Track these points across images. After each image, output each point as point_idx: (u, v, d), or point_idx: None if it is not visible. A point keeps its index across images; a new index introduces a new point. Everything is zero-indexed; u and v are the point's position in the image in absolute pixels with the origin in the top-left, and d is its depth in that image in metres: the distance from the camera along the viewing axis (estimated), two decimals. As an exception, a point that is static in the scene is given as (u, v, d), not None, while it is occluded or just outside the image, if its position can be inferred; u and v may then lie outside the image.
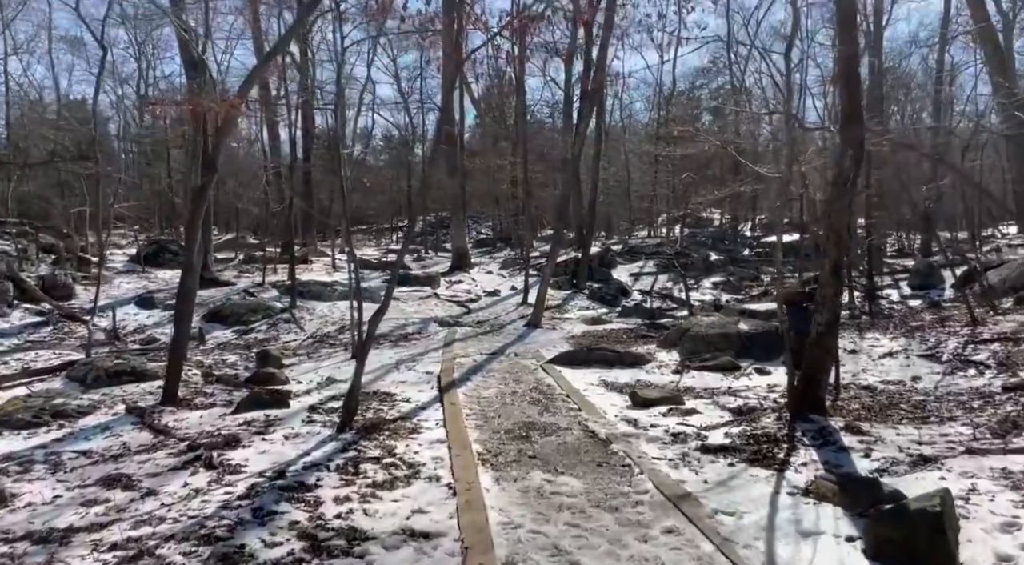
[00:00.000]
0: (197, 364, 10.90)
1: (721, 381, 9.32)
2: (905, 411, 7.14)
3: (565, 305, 19.21)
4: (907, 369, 9.56)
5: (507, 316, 16.97)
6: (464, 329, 14.79)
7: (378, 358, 11.39)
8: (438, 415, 7.43)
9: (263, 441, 6.29)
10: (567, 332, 14.36)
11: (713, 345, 10.32)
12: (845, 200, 6.65)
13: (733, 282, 21.82)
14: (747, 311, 11.04)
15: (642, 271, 23.97)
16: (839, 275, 6.71)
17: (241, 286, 18.10)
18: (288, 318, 15.43)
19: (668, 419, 7.19)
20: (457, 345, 12.62)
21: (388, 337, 13.96)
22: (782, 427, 6.47)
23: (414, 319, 15.84)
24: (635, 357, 10.31)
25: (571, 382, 9.15)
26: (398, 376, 9.88)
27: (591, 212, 22.58)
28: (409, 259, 28.26)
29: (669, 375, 9.76)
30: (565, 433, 6.76)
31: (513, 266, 25.19)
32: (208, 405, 8.04)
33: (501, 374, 9.87)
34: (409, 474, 5.41)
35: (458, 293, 20.17)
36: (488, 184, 32.51)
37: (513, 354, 11.60)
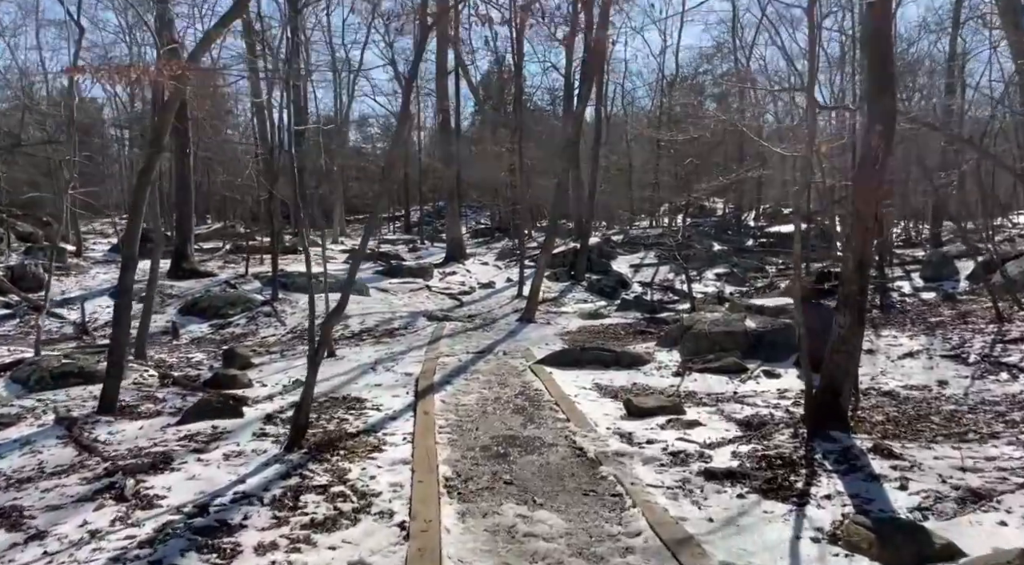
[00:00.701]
0: (158, 364, 10.02)
1: (726, 385, 8.40)
2: (938, 425, 6.22)
3: (562, 298, 18.29)
4: (931, 372, 8.63)
5: (500, 310, 16.06)
6: (453, 324, 13.88)
7: (356, 357, 10.51)
8: (408, 427, 6.54)
9: (197, 462, 5.40)
10: (562, 328, 13.44)
11: (717, 344, 9.39)
12: (873, 182, 5.70)
13: (737, 274, 20.85)
14: (754, 307, 10.10)
15: (643, 262, 23.02)
16: (865, 270, 5.77)
17: (223, 277, 17.23)
18: (269, 312, 14.55)
19: (667, 433, 6.28)
20: (444, 342, 11.71)
21: (372, 333, 13.07)
22: (798, 446, 5.55)
23: (402, 313, 14.94)
24: (632, 357, 9.40)
25: (561, 386, 8.24)
26: (373, 378, 8.98)
27: (590, 201, 21.61)
28: (404, 249, 27.37)
29: (669, 377, 8.84)
30: (549, 451, 5.86)
31: (510, 257, 24.25)
32: (153, 414, 7.16)
33: (486, 376, 8.97)
34: (358, 508, 4.51)
35: (451, 285, 19.26)
36: (486, 173, 31.48)
37: (502, 353, 10.69)
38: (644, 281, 20.90)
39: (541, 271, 14.13)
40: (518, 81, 24.59)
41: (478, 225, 37.10)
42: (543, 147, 32.32)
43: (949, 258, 18.40)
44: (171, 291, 15.93)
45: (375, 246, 27.07)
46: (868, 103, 5.90)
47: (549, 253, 14.34)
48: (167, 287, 16.22)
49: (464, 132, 40.40)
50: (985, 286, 12.72)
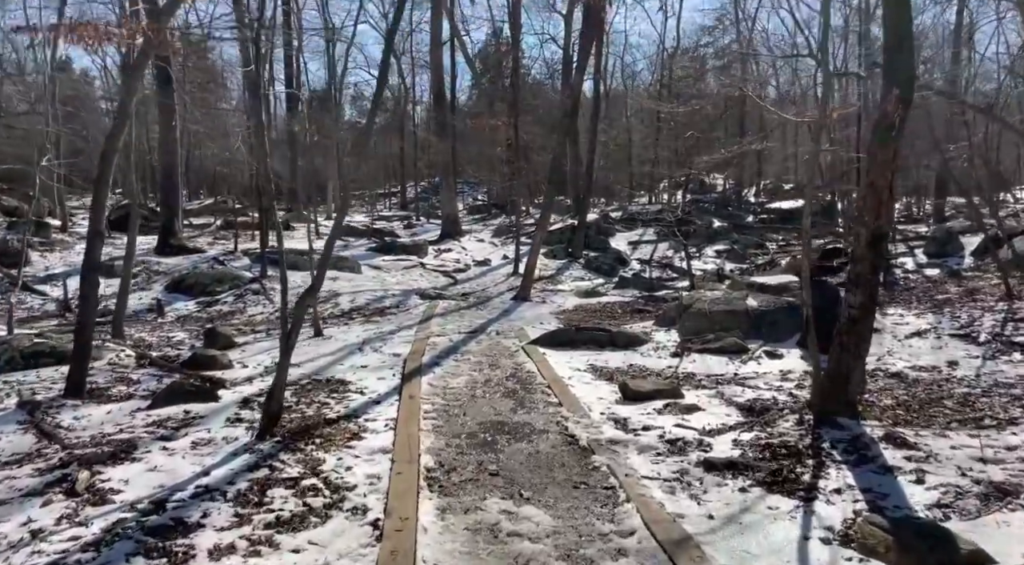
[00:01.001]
0: (136, 343, 9.65)
1: (726, 366, 8.03)
2: (951, 410, 5.86)
3: (559, 275, 17.89)
4: (940, 352, 8.27)
5: (495, 288, 15.66)
6: (447, 303, 13.50)
7: (344, 337, 10.14)
8: (392, 412, 6.17)
9: (162, 451, 5.03)
10: (558, 306, 13.06)
11: (718, 323, 9.01)
12: (889, 151, 5.26)
13: (737, 250, 20.44)
14: (756, 285, 9.72)
15: (641, 239, 22.59)
16: (879, 248, 5.36)
17: (212, 254, 16.79)
18: (257, 289, 14.15)
19: (664, 418, 5.92)
20: (435, 322, 11.33)
21: (362, 311, 12.69)
22: (804, 434, 5.19)
23: (394, 291, 14.54)
24: (629, 338, 9.02)
25: (554, 368, 7.87)
26: (360, 359, 8.61)
27: (588, 176, 21.10)
28: (399, 226, 26.91)
29: (667, 359, 8.48)
30: (539, 438, 5.50)
31: (506, 234, 23.80)
32: (125, 397, 6.79)
33: (477, 357, 8.60)
34: (330, 503, 4.15)
35: (446, 262, 18.84)
36: (483, 148, 30.88)
37: (495, 333, 10.32)
38: (643, 258, 20.49)
39: (536, 249, 13.70)
40: (515, 53, 23.95)
41: (475, 201, 36.55)
42: (541, 122, 31.68)
43: (954, 234, 17.97)
44: (158, 268, 15.52)
45: (369, 222, 26.62)
46: (884, 63, 5.44)
47: (545, 230, 13.91)
48: (153, 263, 15.81)
49: (461, 106, 39.65)
50: (994, 262, 12.32)
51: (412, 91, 35.88)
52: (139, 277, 15.01)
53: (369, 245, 20.36)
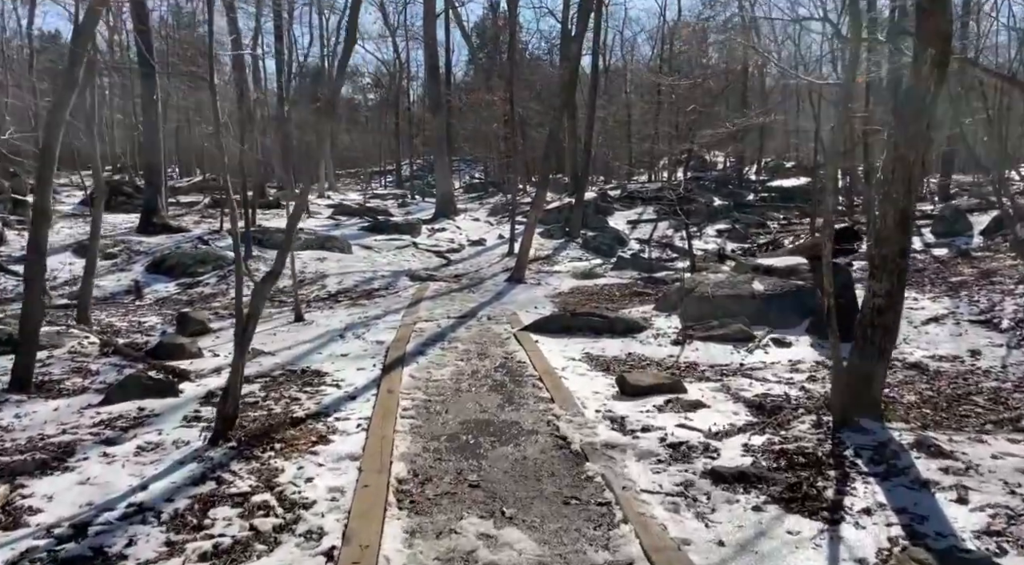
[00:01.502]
0: (103, 329, 9.05)
1: (731, 355, 7.44)
2: (984, 409, 5.28)
3: (555, 256, 17.26)
4: (960, 340, 7.68)
5: (489, 269, 15.04)
6: (438, 285, 12.88)
7: (327, 321, 9.54)
8: (367, 409, 5.58)
9: (102, 458, 4.45)
10: (553, 289, 12.45)
11: (721, 309, 8.40)
12: (922, 121, 4.61)
13: (739, 230, 19.79)
14: (762, 267, 9.09)
15: (641, 218, 21.91)
16: (907, 227, 4.73)
17: (197, 233, 16.12)
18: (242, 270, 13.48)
19: (665, 417, 5.34)
20: (424, 305, 10.73)
21: (349, 294, 12.07)
22: (823, 439, 4.60)
23: (384, 272, 13.92)
24: (627, 324, 8.42)
25: (547, 358, 7.28)
26: (340, 347, 8.02)
27: (587, 153, 20.35)
28: (393, 204, 26.20)
29: (668, 346, 7.88)
30: (527, 440, 4.92)
31: (502, 212, 23.11)
32: (78, 390, 6.21)
33: (465, 345, 8.00)
34: (282, 525, 3.57)
35: (439, 242, 18.19)
36: (480, 124, 30.03)
37: (486, 317, 9.71)
38: (642, 238, 19.84)
39: (531, 228, 13.05)
40: (512, 25, 23.03)
41: (472, 180, 35.79)
42: (539, 98, 30.81)
43: (961, 212, 17.33)
44: (139, 247, 14.87)
45: (362, 201, 25.91)
46: (917, 21, 4.76)
47: (540, 209, 13.25)
48: (135, 243, 15.15)
49: (458, 83, 38.68)
50: (1011, 243, 11.69)
51: (407, 66, 34.88)
52: (119, 257, 14.39)
53: (361, 224, 19.68)
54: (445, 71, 28.43)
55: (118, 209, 18.11)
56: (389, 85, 35.49)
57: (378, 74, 38.81)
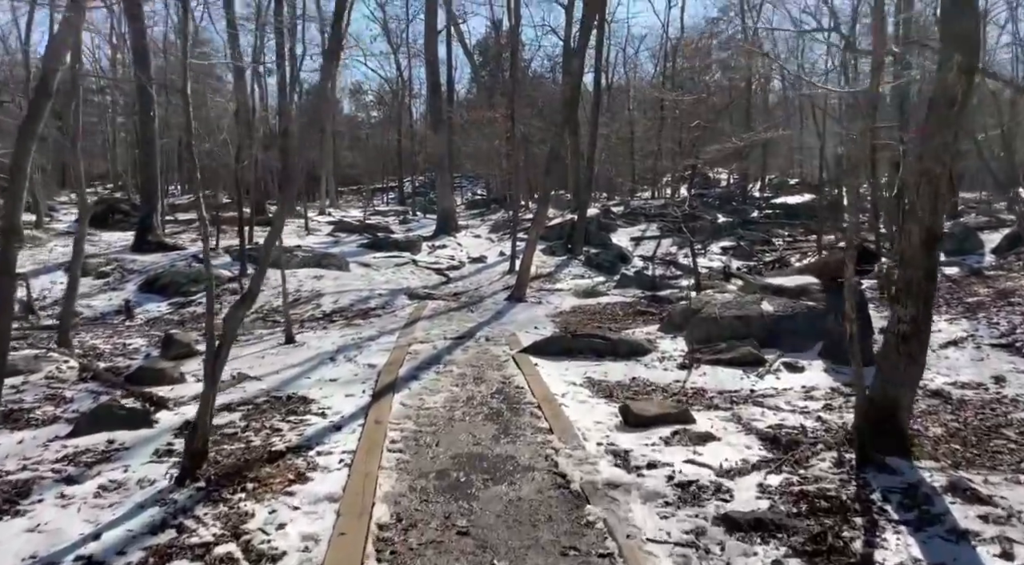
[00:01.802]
0: (86, 352, 8.69)
1: (741, 381, 7.04)
2: (1017, 444, 4.86)
3: (557, 273, 16.90)
4: (982, 365, 7.28)
5: (489, 287, 14.68)
6: (436, 303, 12.51)
7: (318, 343, 9.17)
8: (352, 442, 5.20)
9: (58, 500, 4.07)
10: (554, 308, 12.07)
11: (729, 330, 8.01)
12: (949, 132, 4.26)
13: (744, 247, 19.41)
14: (771, 287, 8.70)
15: (644, 235, 21.57)
16: (934, 247, 4.36)
17: (192, 251, 15.82)
18: (235, 289, 13.17)
19: (673, 451, 4.94)
20: (421, 325, 10.35)
21: (345, 313, 11.71)
22: (846, 479, 4.19)
23: (381, 291, 13.56)
24: (631, 346, 8.02)
25: (546, 383, 6.88)
26: (330, 371, 7.64)
27: (589, 169, 20.08)
28: (394, 221, 25.93)
29: (673, 371, 7.48)
30: (523, 478, 4.53)
31: (504, 229, 22.79)
32: (48, 420, 5.84)
33: (461, 369, 7.61)
34: (245, 582, 3.18)
35: (440, 259, 17.85)
36: (482, 142, 29.85)
37: (484, 338, 9.33)
38: (645, 255, 19.48)
39: (532, 246, 12.70)
40: (513, 41, 22.87)
41: (474, 196, 35.56)
42: (542, 115, 30.65)
43: (971, 230, 16.95)
44: (132, 266, 14.56)
45: (363, 218, 25.64)
46: (942, 27, 4.44)
47: (541, 226, 12.91)
48: (128, 261, 14.85)
49: (460, 101, 38.62)
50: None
51: (409, 84, 34.80)
52: (112, 276, 14.08)
53: (361, 241, 19.37)
54: (447, 88, 28.29)
55: (115, 227, 17.87)
56: (392, 102, 35.40)
57: (381, 92, 38.78)
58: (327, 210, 27.52)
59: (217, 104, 21.84)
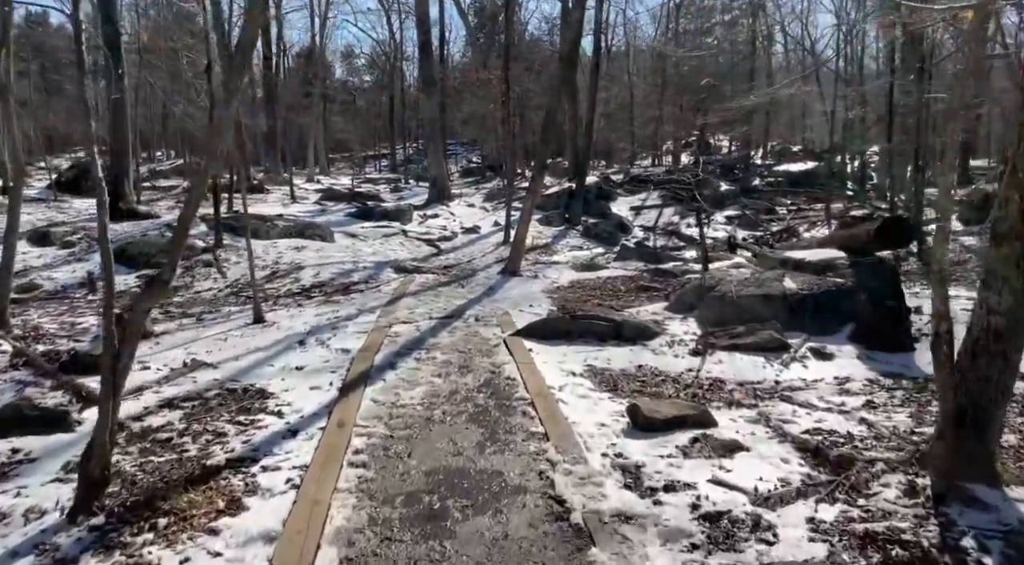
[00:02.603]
0: (26, 332, 7.71)
1: (763, 370, 6.11)
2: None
3: (554, 244, 15.90)
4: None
5: (482, 259, 13.68)
6: (424, 277, 11.52)
7: (290, 323, 8.19)
8: (307, 452, 4.26)
9: (-90, 544, 3.13)
10: (551, 282, 11.09)
11: (747, 311, 7.05)
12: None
13: (749, 216, 18.38)
14: (791, 261, 7.73)
15: (645, 204, 20.50)
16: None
17: (167, 219, 14.75)
18: (209, 261, 12.16)
19: (694, 466, 4.03)
20: (405, 302, 9.39)
21: (324, 288, 10.71)
22: (924, 516, 3.27)
23: (367, 263, 12.55)
24: (637, 328, 7.07)
25: (542, 372, 5.95)
26: (298, 357, 6.69)
27: (588, 135, 18.92)
28: (385, 189, 24.78)
29: (686, 357, 6.54)
30: (512, 505, 3.61)
31: (499, 198, 21.70)
32: (-50, 423, 4.87)
33: (446, 354, 6.67)
34: None
35: (431, 230, 16.80)
36: (478, 106, 28.48)
37: (473, 318, 8.36)
38: (646, 225, 18.47)
39: (527, 216, 11.66)
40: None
41: (469, 164, 34.30)
42: (539, 81, 29.30)
43: (992, 196, 15.95)
44: (102, 236, 13.49)
45: (355, 185, 24.49)
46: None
47: (537, 195, 11.86)
48: (96, 231, 13.76)
49: (455, 65, 37.09)
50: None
51: (402, 46, 33.25)
52: (78, 246, 13.03)
53: (349, 210, 18.28)
54: (439, 48, 26.84)
55: (88, 193, 16.72)
56: (384, 66, 33.90)
57: (373, 54, 37.20)
58: (316, 177, 26.32)
59: (195, 63, 20.47)
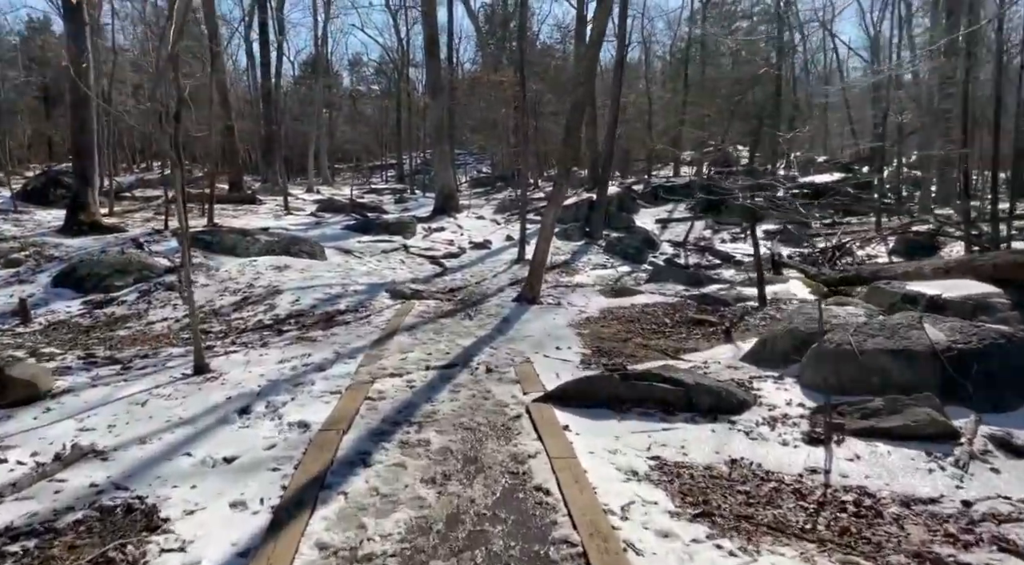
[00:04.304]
0: None
1: (931, 476, 3.88)
2: None
3: (575, 262, 13.75)
4: None
5: (494, 280, 11.51)
6: (425, 305, 9.34)
7: (240, 375, 6.01)
8: None
9: None
10: (577, 311, 8.91)
11: (877, 373, 4.83)
12: None
13: (792, 231, 16.14)
14: (921, 299, 5.52)
15: (671, 216, 18.32)
16: None
17: (133, 234, 12.66)
18: (171, 283, 10.04)
19: None
20: (398, 341, 7.21)
21: (302, 319, 8.54)
22: None
23: (358, 286, 10.40)
24: (716, 395, 4.84)
25: (589, 479, 3.76)
26: (233, 437, 4.52)
27: (610, 140, 16.75)
28: (389, 200, 22.72)
29: (799, 445, 4.32)
30: None
31: (510, 209, 19.57)
32: None
33: (445, 436, 4.48)
34: None
35: (435, 245, 14.66)
36: (485, 110, 26.41)
37: (484, 368, 6.17)
38: (675, 240, 16.28)
39: (548, 231, 9.48)
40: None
41: (479, 174, 32.21)
42: (552, 90, 27.31)
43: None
44: (55, 252, 11.43)
45: (352, 195, 22.44)
46: None
47: (558, 207, 9.67)
48: (52, 246, 11.72)
49: (465, 74, 35.14)
50: None
51: (410, 52, 31.30)
52: (25, 265, 10.95)
53: (347, 223, 16.19)
54: (447, 49, 24.83)
55: (55, 203, 14.76)
56: (392, 73, 31.95)
57: (381, 62, 35.27)
58: (316, 188, 24.25)
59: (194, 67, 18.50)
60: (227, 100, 19.66)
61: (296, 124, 28.78)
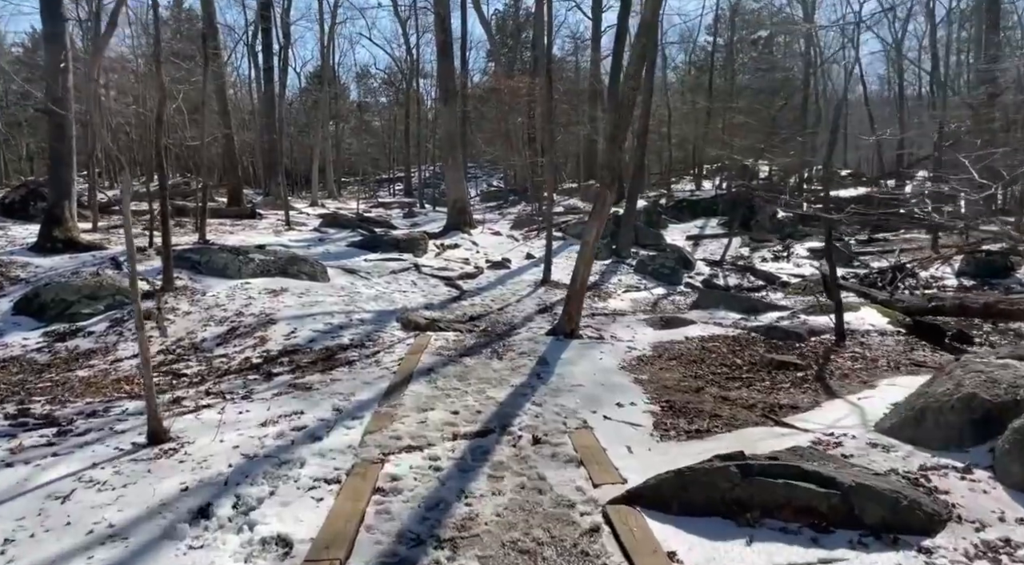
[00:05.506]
0: None
1: None
2: None
3: (604, 284, 12.23)
4: None
5: (519, 306, 9.96)
6: (443, 338, 7.77)
7: (208, 446, 4.46)
8: None
9: None
10: (625, 348, 7.34)
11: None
12: None
13: (841, 249, 14.57)
14: None
15: (703, 233, 16.80)
16: None
17: (114, 252, 11.18)
18: (149, 311, 8.52)
19: None
20: (414, 392, 5.66)
21: (297, 357, 7.00)
22: None
23: (365, 313, 8.87)
24: (887, 505, 3.25)
25: None
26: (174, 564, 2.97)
27: (641, 149, 15.28)
28: (398, 214, 21.27)
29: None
30: None
31: (528, 225, 18.10)
32: None
33: (492, 570, 2.92)
34: None
35: (450, 264, 13.15)
36: (499, 119, 25.01)
37: (528, 438, 4.61)
38: (708, 258, 14.76)
39: (589, 257, 7.93)
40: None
41: (490, 188, 30.79)
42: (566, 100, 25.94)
43: None
44: (21, 273, 9.95)
45: (358, 209, 20.99)
46: None
47: (602, 224, 8.11)
48: (20, 265, 10.25)
49: (477, 84, 33.85)
50: None
51: (418, 63, 30.01)
52: (-16, 287, 9.46)
53: (352, 239, 14.71)
54: (460, 54, 23.49)
55: (34, 218, 13.31)
56: (400, 83, 30.67)
57: (389, 72, 34.01)
58: (320, 201, 22.81)
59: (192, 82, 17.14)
60: (227, 109, 18.31)
61: (301, 136, 27.48)
